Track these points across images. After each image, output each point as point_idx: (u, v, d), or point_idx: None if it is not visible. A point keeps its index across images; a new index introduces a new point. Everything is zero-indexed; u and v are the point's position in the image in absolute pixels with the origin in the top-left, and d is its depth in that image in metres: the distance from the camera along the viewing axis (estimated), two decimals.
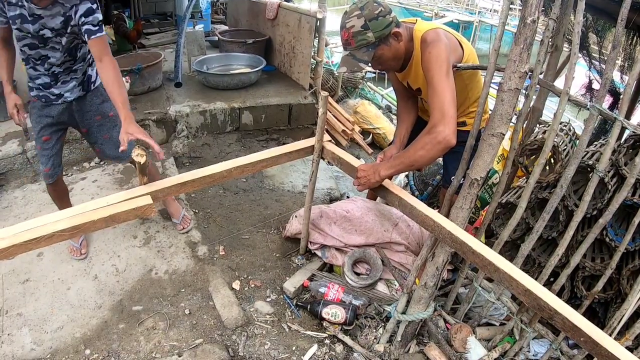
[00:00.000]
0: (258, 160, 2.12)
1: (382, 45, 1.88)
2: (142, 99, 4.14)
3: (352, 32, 1.84)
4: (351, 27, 1.83)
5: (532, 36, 1.48)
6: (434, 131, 1.74)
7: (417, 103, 2.34)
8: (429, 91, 1.82)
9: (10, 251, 1.56)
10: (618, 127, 1.54)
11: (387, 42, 1.89)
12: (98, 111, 2.40)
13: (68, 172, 3.51)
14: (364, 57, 1.87)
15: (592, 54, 2.60)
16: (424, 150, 1.78)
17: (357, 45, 1.86)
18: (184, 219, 2.93)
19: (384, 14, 1.83)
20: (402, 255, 2.58)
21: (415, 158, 1.83)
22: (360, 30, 1.82)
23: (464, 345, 2.09)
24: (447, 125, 1.72)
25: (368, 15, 1.81)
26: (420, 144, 1.80)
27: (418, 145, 1.81)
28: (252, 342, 2.22)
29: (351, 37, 1.85)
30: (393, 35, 1.89)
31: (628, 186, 1.60)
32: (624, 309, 1.78)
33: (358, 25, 1.82)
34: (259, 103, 4.34)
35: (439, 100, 1.75)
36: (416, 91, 2.18)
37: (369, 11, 1.81)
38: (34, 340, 2.16)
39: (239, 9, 6.49)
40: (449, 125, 1.72)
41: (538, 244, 2.20)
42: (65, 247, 2.66)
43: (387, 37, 1.87)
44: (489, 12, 17.19)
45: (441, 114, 1.73)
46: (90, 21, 2.02)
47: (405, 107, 2.34)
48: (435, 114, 1.75)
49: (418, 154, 1.81)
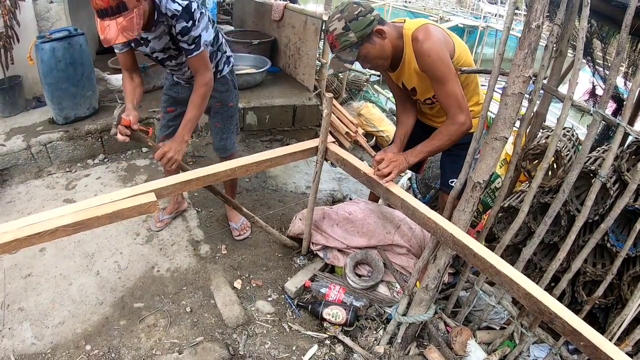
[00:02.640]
0: (262, 160, 2.12)
1: (365, 44, 1.91)
2: (147, 98, 4.15)
3: (335, 35, 1.89)
4: (334, 30, 1.89)
5: (536, 41, 1.48)
6: (457, 122, 1.96)
7: (415, 105, 2.35)
8: (440, 89, 1.95)
9: (13, 245, 1.57)
10: (621, 133, 1.54)
11: (370, 40, 1.92)
12: (219, 98, 2.51)
13: (72, 169, 3.53)
14: (348, 57, 1.92)
15: (596, 60, 2.60)
16: (450, 140, 2.01)
17: (341, 47, 1.91)
18: (243, 226, 2.95)
19: (363, 13, 1.87)
20: (403, 257, 2.58)
21: (440, 146, 2.05)
22: (342, 32, 1.87)
23: (464, 349, 2.09)
24: (467, 114, 1.96)
25: (348, 17, 1.86)
26: (446, 135, 2.00)
27: (444, 137, 2.01)
28: (252, 341, 2.22)
29: (335, 39, 1.91)
30: (376, 33, 1.92)
31: (630, 192, 1.60)
32: (624, 314, 1.78)
33: (339, 28, 1.87)
34: (263, 104, 4.35)
35: (453, 95, 1.93)
36: (411, 91, 2.19)
37: (348, 13, 1.86)
38: (35, 334, 2.17)
39: (245, 9, 6.51)
40: (468, 113, 1.97)
41: (539, 248, 2.21)
42: (67, 243, 2.68)
43: (369, 35, 1.90)
44: (493, 16, 17.17)
45: (459, 107, 1.94)
46: (185, 40, 2.06)
47: (404, 110, 2.35)
48: (453, 109, 1.95)
49: (445, 143, 2.03)
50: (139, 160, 3.74)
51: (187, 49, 2.09)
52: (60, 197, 3.18)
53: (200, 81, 2.19)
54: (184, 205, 3.10)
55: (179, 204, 3.06)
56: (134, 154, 3.85)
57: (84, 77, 3.61)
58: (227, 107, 2.57)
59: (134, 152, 3.87)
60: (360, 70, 6.96)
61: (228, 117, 2.60)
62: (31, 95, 4.11)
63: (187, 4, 1.98)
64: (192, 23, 2.01)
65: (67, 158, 3.60)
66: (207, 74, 2.19)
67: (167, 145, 2.18)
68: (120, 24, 1.78)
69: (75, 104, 3.62)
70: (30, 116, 3.81)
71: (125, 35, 1.80)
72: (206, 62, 2.19)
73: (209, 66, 2.21)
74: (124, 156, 3.80)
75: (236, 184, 2.98)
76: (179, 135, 2.22)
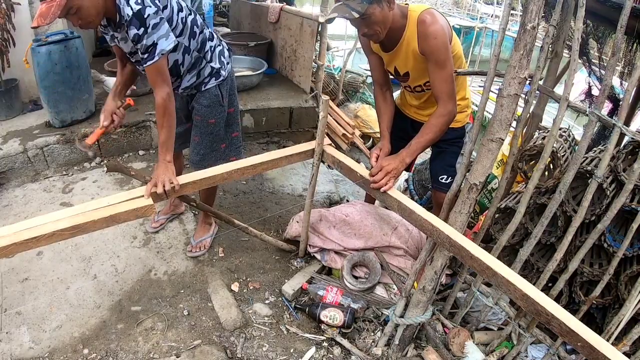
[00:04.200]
0: (258, 162, 2.12)
1: (374, 5, 1.88)
2: (143, 100, 4.15)
3: None
4: None
5: (532, 42, 1.49)
6: (447, 111, 2.00)
7: (392, 93, 2.33)
8: (437, 73, 1.97)
9: (10, 249, 1.57)
10: (617, 133, 1.55)
11: (380, 3, 1.89)
12: (199, 112, 2.39)
13: (69, 172, 3.52)
14: (357, 7, 1.88)
15: (592, 60, 2.61)
16: (441, 131, 2.05)
17: None
18: (200, 245, 2.79)
19: None
20: (401, 259, 2.58)
21: (433, 138, 2.06)
22: None
23: (461, 350, 2.09)
24: (455, 103, 2.03)
25: None
26: (437, 126, 2.03)
27: (435, 128, 2.03)
28: (250, 344, 2.22)
29: None
30: (386, 1, 1.90)
31: (627, 192, 1.60)
32: (621, 314, 1.78)
33: None
34: (260, 106, 4.35)
35: (449, 82, 1.97)
36: (403, 76, 2.19)
37: None
38: (33, 339, 2.16)
39: (242, 11, 6.51)
40: (456, 103, 2.04)
41: (536, 249, 2.21)
42: (64, 246, 2.67)
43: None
44: (490, 17, 17.20)
45: (451, 95, 1.99)
46: (139, 48, 1.93)
47: (383, 100, 2.33)
48: (445, 96, 1.99)
49: (437, 135, 2.05)
50: (135, 163, 3.73)
51: (141, 57, 1.95)
52: (57, 200, 3.17)
53: (158, 97, 2.00)
54: (180, 208, 3.09)
55: (176, 206, 3.05)
56: (131, 157, 3.84)
57: (81, 80, 3.61)
58: (207, 123, 2.41)
59: (131, 155, 3.86)
60: (356, 71, 6.98)
61: (207, 133, 2.43)
62: (28, 99, 4.10)
63: (139, 9, 1.82)
64: (144, 30, 1.85)
65: (64, 161, 3.59)
66: (163, 88, 1.99)
67: (155, 177, 1.96)
68: (41, 9, 1.72)
69: (72, 107, 3.61)
70: (26, 119, 3.80)
71: (39, 20, 1.71)
72: (162, 75, 1.99)
73: (166, 79, 2.01)
74: (120, 159, 3.79)
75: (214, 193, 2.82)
76: (160, 160, 2.05)
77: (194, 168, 2.46)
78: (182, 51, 2.18)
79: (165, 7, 1.97)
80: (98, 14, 1.86)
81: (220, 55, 2.39)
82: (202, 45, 2.28)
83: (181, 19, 2.09)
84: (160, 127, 2.07)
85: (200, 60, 2.29)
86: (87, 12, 1.81)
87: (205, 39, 2.29)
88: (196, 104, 2.38)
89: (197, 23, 2.22)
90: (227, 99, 2.45)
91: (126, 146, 3.84)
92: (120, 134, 3.74)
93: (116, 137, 3.73)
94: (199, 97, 2.36)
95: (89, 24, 1.87)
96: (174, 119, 2.10)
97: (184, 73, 2.27)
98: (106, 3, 1.86)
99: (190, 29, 2.17)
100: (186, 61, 2.22)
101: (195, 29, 2.20)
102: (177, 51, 2.15)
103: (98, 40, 5.76)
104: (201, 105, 2.37)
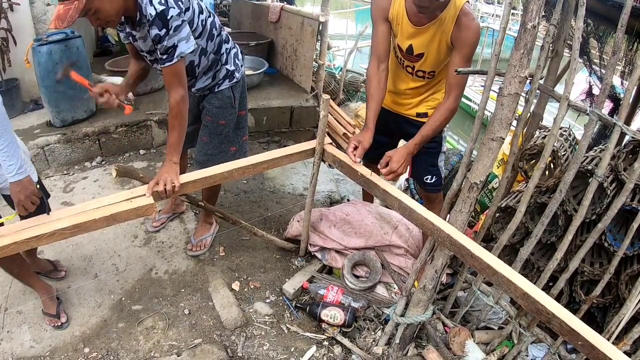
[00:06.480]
0: (259, 162, 2.13)
1: None
2: (144, 100, 4.16)
3: None
4: None
5: (532, 41, 1.49)
6: (454, 107, 2.07)
7: (387, 75, 2.26)
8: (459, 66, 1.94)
9: (11, 248, 1.57)
10: (617, 132, 1.55)
11: None
12: (211, 112, 2.38)
13: (70, 171, 3.53)
14: None
15: (592, 60, 2.61)
16: (447, 120, 2.11)
17: None
18: (201, 244, 2.78)
19: None
20: (401, 258, 2.58)
21: (437, 130, 2.12)
22: None
23: (462, 349, 2.09)
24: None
25: None
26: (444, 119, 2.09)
27: (443, 121, 2.10)
28: (250, 343, 2.22)
29: None
30: None
31: (627, 191, 1.60)
32: (622, 313, 1.78)
33: None
34: (260, 105, 4.35)
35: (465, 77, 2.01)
36: (415, 56, 2.14)
37: None
38: (34, 338, 2.16)
39: (242, 11, 6.51)
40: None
41: (537, 248, 2.21)
42: (65, 245, 2.67)
43: None
44: (490, 16, 17.20)
45: (462, 90, 2.06)
46: (159, 48, 1.91)
47: (377, 82, 2.22)
48: (458, 90, 2.05)
49: (442, 126, 2.13)
50: (136, 163, 3.73)
51: (159, 58, 1.95)
52: (58, 199, 3.17)
53: (172, 99, 2.00)
54: (181, 207, 3.10)
55: (177, 205, 3.06)
56: (132, 156, 3.84)
57: None
58: (217, 124, 2.40)
59: (132, 154, 3.86)
60: (357, 71, 6.98)
61: (216, 134, 2.43)
62: (28, 98, 4.10)
63: (162, 9, 1.80)
64: (166, 32, 1.84)
65: (65, 161, 3.59)
66: (178, 90, 2.00)
67: (158, 176, 1.96)
68: (58, 11, 1.70)
69: (73, 107, 3.61)
70: (27, 119, 3.80)
71: (56, 23, 1.69)
72: (179, 77, 1.99)
73: (182, 81, 2.01)
74: (121, 158, 3.80)
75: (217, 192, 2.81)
76: (167, 160, 2.05)
77: (199, 168, 2.41)
78: (199, 53, 2.16)
79: (188, 9, 1.95)
80: (117, 13, 1.85)
81: (235, 57, 2.39)
82: (219, 47, 2.27)
83: (201, 21, 2.08)
84: (172, 129, 2.07)
85: (216, 62, 2.28)
86: (106, 13, 1.80)
87: (222, 41, 2.29)
88: (207, 105, 2.37)
89: (215, 25, 2.21)
90: (239, 102, 2.45)
91: (127, 145, 3.84)
92: (121, 133, 3.74)
93: (117, 137, 3.74)
94: (211, 98, 2.36)
95: (108, 23, 1.87)
96: (186, 122, 2.10)
97: (200, 74, 2.27)
98: (126, 2, 1.85)
99: (209, 31, 2.16)
100: (202, 63, 2.22)
101: (213, 32, 2.19)
102: (194, 53, 2.14)
103: (99, 40, 5.76)
104: (213, 106, 2.37)
